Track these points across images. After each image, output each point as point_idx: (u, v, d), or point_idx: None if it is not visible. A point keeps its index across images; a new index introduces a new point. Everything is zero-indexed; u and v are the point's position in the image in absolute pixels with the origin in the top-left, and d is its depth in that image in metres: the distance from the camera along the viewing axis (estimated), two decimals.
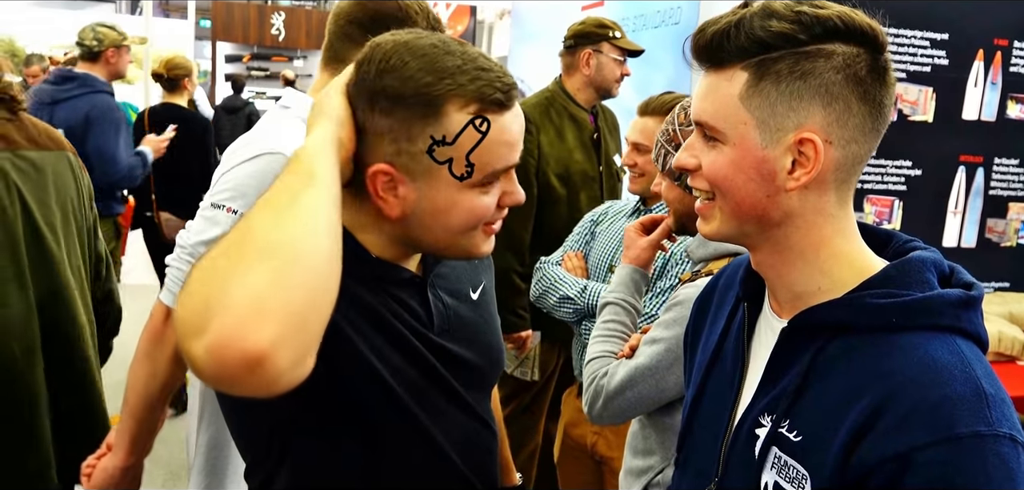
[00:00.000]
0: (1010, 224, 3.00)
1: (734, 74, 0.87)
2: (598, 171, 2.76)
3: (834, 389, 0.85)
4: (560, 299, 2.10)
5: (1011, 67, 2.81)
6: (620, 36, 2.68)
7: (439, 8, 13.44)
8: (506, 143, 1.01)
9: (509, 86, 1.00)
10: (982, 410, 0.77)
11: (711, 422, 1.01)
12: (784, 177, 0.87)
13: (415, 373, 1.07)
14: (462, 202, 1.00)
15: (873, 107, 0.86)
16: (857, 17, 0.85)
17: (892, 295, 0.85)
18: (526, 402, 2.84)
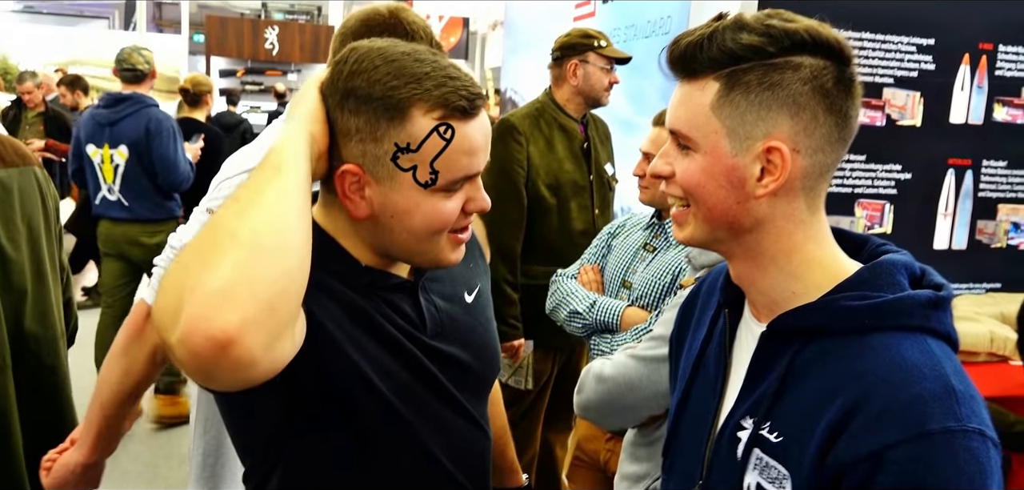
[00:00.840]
0: (1000, 225, 3.02)
1: (706, 84, 0.90)
2: (589, 180, 2.77)
3: (811, 390, 0.87)
4: (570, 313, 2.11)
5: (996, 70, 2.84)
6: (606, 45, 2.70)
7: (432, 19, 13.49)
8: (469, 151, 1.02)
9: (474, 94, 1.02)
10: (952, 407, 0.79)
11: (695, 426, 1.03)
12: (753, 184, 0.89)
13: (407, 376, 1.09)
14: (425, 205, 1.02)
15: (839, 118, 0.89)
16: (824, 31, 0.88)
17: (864, 297, 0.87)
18: (522, 411, 2.85)
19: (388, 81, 0.99)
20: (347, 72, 1.01)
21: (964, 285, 3.03)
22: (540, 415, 2.92)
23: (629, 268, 2.12)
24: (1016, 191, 3.00)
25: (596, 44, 2.68)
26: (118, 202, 3.98)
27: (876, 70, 2.74)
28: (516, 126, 2.70)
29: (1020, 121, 2.91)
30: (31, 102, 6.59)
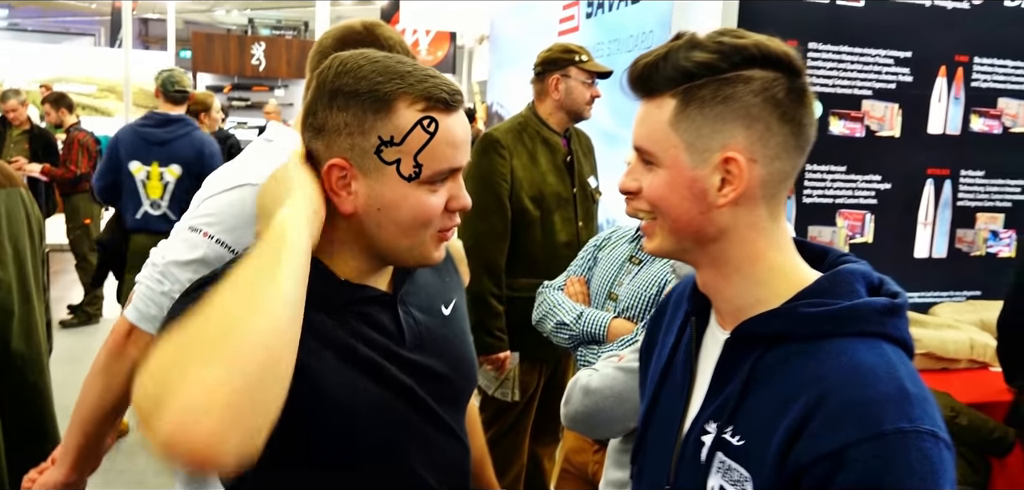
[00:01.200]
0: (978, 234, 3.07)
1: (663, 102, 0.94)
2: (572, 193, 2.80)
3: (772, 394, 0.89)
4: (557, 325, 2.13)
5: (972, 82, 2.89)
6: (587, 59, 2.73)
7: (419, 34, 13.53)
8: (452, 144, 1.05)
9: (454, 91, 1.06)
10: (905, 408, 0.82)
11: (663, 432, 1.05)
12: (714, 194, 0.92)
13: (387, 394, 1.09)
14: (411, 198, 1.04)
15: (793, 126, 0.92)
16: (772, 45, 0.91)
17: (823, 304, 0.90)
18: (509, 423, 2.86)
19: (373, 77, 1.03)
20: (334, 74, 1.05)
21: (945, 293, 3.07)
22: (527, 428, 2.93)
23: (615, 280, 2.14)
24: (994, 200, 3.05)
25: (577, 59, 2.71)
26: (163, 216, 4.03)
27: (855, 82, 2.78)
28: (499, 140, 2.72)
29: (996, 131, 2.97)
30: (16, 120, 6.56)
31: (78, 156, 6.14)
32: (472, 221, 2.70)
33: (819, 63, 2.73)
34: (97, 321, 6.28)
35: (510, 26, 4.87)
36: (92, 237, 6.30)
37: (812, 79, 2.69)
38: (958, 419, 2.38)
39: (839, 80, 2.76)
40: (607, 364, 1.75)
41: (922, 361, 2.69)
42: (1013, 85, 2.94)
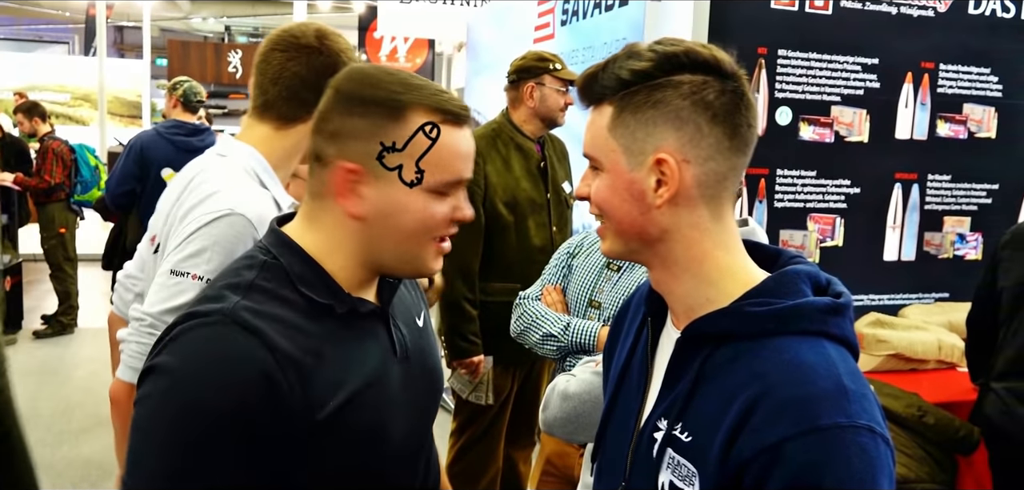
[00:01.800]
0: (946, 237, 3.12)
1: (604, 109, 0.99)
2: (546, 199, 2.82)
3: (718, 391, 0.92)
4: (543, 336, 2.12)
5: (938, 88, 2.95)
6: (561, 67, 2.76)
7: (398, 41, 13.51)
8: (457, 154, 1.08)
9: (464, 108, 1.09)
10: (843, 404, 0.84)
11: (620, 430, 1.08)
12: (652, 196, 0.96)
13: (383, 402, 1.11)
14: (413, 204, 1.06)
15: (727, 127, 0.95)
16: (702, 50, 0.95)
17: (768, 303, 0.93)
18: (483, 427, 2.88)
19: (392, 86, 1.06)
20: (354, 83, 1.08)
21: (914, 295, 3.12)
22: (501, 432, 2.95)
23: (595, 288, 2.14)
24: (961, 204, 3.10)
25: (551, 67, 2.74)
26: None
27: (824, 88, 2.83)
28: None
29: (962, 136, 3.03)
30: None
31: (52, 165, 6.09)
32: None
33: (788, 69, 2.77)
34: (71, 331, 6.22)
35: (486, 33, 4.90)
36: (67, 246, 6.24)
37: (781, 85, 2.75)
38: (925, 418, 2.42)
39: (808, 86, 2.81)
40: (585, 369, 1.77)
41: (891, 362, 2.74)
42: (978, 91, 3.00)
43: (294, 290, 1.06)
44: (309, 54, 1.48)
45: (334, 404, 1.03)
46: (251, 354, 0.97)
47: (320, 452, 1.03)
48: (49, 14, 20.27)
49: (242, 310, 1.00)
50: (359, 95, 1.07)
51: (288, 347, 0.99)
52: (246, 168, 1.48)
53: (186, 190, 1.47)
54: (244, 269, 1.07)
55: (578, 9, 3.51)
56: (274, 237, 1.11)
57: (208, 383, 0.95)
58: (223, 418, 0.94)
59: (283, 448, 0.99)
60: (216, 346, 0.97)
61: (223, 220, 1.36)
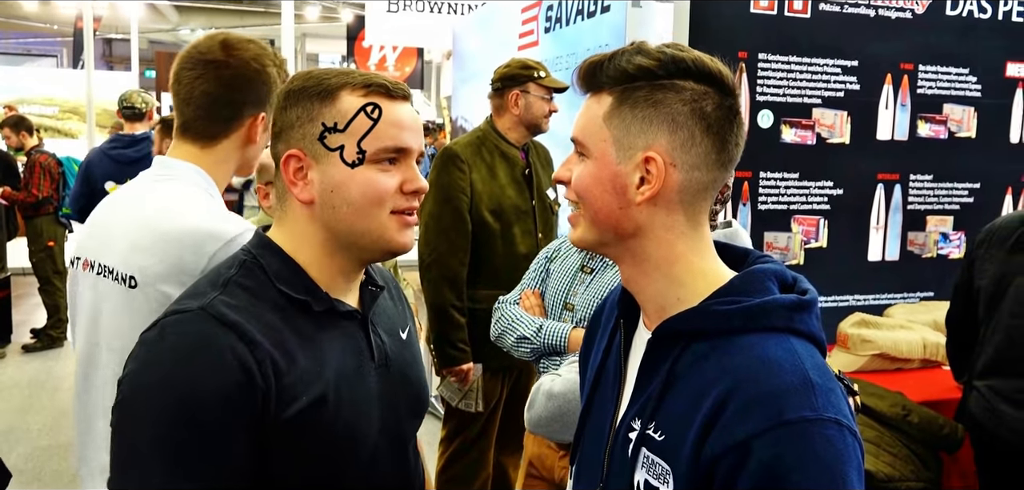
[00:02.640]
0: (929, 236, 3.15)
1: (602, 98, 1.00)
2: (531, 205, 2.84)
3: (688, 389, 0.93)
4: (518, 339, 2.15)
5: (918, 89, 2.98)
6: (545, 75, 2.78)
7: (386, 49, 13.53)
8: (396, 123, 1.10)
9: (397, 84, 1.12)
10: (809, 398, 0.86)
11: (597, 432, 1.09)
12: (633, 191, 0.97)
13: (358, 408, 1.12)
14: (359, 176, 1.08)
15: (718, 140, 0.97)
16: (708, 62, 0.97)
17: (735, 301, 0.95)
18: (473, 434, 2.89)
19: (320, 75, 1.11)
20: (288, 84, 1.13)
21: (899, 295, 3.15)
22: (491, 438, 2.95)
23: (569, 291, 2.17)
24: (943, 203, 3.13)
25: (536, 75, 2.76)
26: None
27: (804, 91, 2.85)
28: (458, 154, 2.76)
29: (942, 136, 3.06)
30: None
31: (40, 179, 6.07)
32: (432, 234, 2.74)
33: (769, 73, 2.80)
34: (60, 345, 6.20)
35: (472, 41, 4.92)
36: (56, 259, 6.22)
37: (762, 89, 2.78)
38: (909, 417, 2.44)
39: (789, 89, 2.83)
40: (570, 369, 1.78)
41: (876, 361, 2.76)
42: (957, 92, 3.03)
43: (272, 287, 1.08)
44: (216, 68, 1.46)
45: (305, 401, 1.04)
46: (228, 345, 0.99)
47: (290, 447, 1.04)
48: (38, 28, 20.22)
49: (219, 304, 1.02)
50: (293, 90, 1.11)
51: (264, 341, 1.02)
52: (202, 188, 1.46)
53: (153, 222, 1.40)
54: (224, 268, 1.11)
55: (561, 16, 3.53)
56: (256, 239, 1.15)
57: (186, 374, 0.97)
58: (202, 409, 0.96)
59: (258, 440, 1.01)
60: (194, 339, 0.99)
61: (228, 246, 1.34)
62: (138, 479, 0.97)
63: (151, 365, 1.00)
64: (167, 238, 1.36)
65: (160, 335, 1.01)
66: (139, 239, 1.38)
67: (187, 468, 0.96)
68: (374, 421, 1.14)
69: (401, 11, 9.25)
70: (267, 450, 1.02)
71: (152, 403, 0.97)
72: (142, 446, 0.97)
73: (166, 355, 0.99)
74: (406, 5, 9.22)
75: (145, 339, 1.03)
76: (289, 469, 1.05)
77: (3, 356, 5.99)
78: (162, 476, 0.96)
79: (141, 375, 1.00)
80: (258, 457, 1.02)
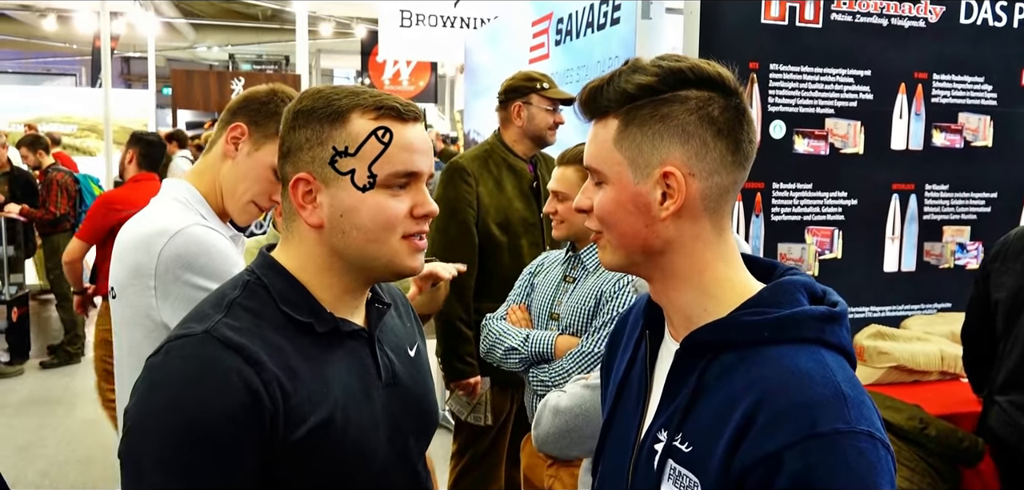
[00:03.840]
0: (946, 246, 3.11)
1: (608, 122, 0.99)
2: (539, 218, 2.83)
3: (717, 400, 0.92)
4: (506, 351, 2.19)
5: (933, 98, 2.95)
6: (548, 86, 2.77)
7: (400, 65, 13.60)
8: (407, 148, 1.09)
9: (408, 105, 1.10)
10: (841, 410, 0.85)
11: (620, 443, 1.08)
12: (657, 208, 0.97)
13: (364, 426, 1.11)
14: (370, 201, 1.07)
15: (730, 142, 0.97)
16: (706, 67, 0.97)
17: (764, 313, 0.94)
18: (483, 448, 2.88)
19: (330, 95, 1.10)
20: (296, 102, 1.12)
21: (916, 306, 3.10)
22: (502, 452, 2.94)
23: (554, 301, 2.22)
24: (959, 213, 3.09)
25: (539, 86, 2.76)
26: None
27: (817, 101, 2.83)
28: (465, 167, 2.76)
29: (958, 145, 3.02)
30: None
31: (57, 196, 6.14)
32: (439, 248, 2.73)
33: (781, 84, 2.78)
34: (77, 361, 6.25)
35: (483, 55, 4.93)
36: None
37: (774, 99, 2.76)
38: (927, 430, 2.40)
39: (801, 100, 2.81)
40: (575, 384, 1.78)
41: (893, 374, 2.72)
42: (972, 100, 3.00)
43: (276, 309, 1.08)
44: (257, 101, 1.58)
45: (313, 422, 1.04)
46: (234, 368, 0.98)
47: (298, 469, 1.03)
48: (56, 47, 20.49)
49: (223, 327, 1.02)
50: (302, 110, 1.10)
51: (270, 363, 1.01)
52: (176, 197, 1.56)
53: (122, 237, 1.54)
54: (228, 290, 1.10)
55: (572, 29, 3.53)
56: (261, 259, 1.14)
57: (192, 397, 0.97)
58: (209, 431, 0.96)
59: (264, 463, 1.00)
60: (199, 363, 0.99)
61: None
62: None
63: (156, 390, 1.00)
64: (127, 246, 1.47)
65: (164, 360, 1.01)
66: (116, 253, 1.51)
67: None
68: (382, 440, 1.14)
69: (414, 26, 9.29)
70: (275, 471, 1.01)
71: (159, 427, 0.97)
72: (149, 471, 0.97)
73: (172, 379, 0.99)
74: (419, 20, 9.27)
75: (150, 365, 1.03)
76: (299, 487, 1.04)
77: (21, 372, 6.04)
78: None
79: (147, 401, 1.00)
80: (266, 478, 1.01)
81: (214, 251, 1.43)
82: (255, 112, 1.53)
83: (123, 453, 1.00)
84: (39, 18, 17.23)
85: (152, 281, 1.41)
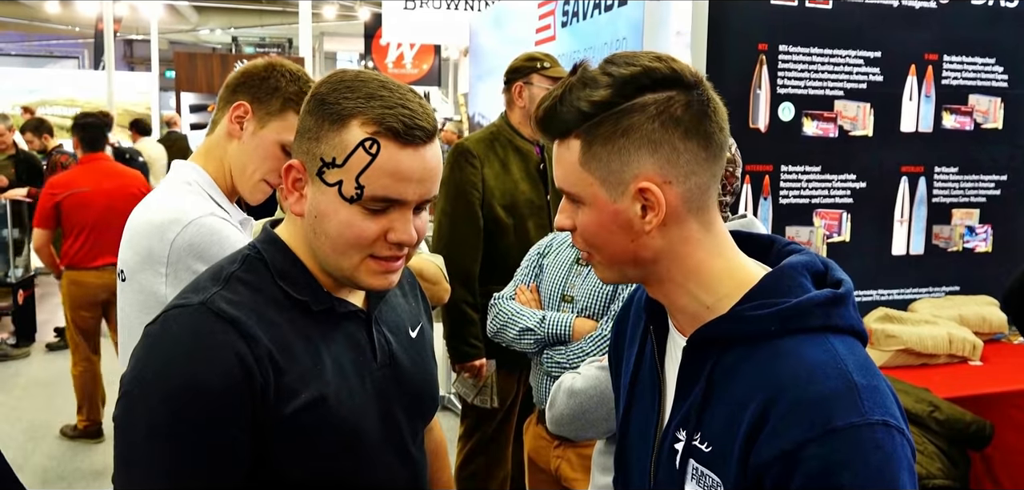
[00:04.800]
0: (955, 229, 3.09)
1: (570, 142, 0.94)
2: (545, 200, 2.81)
3: (730, 398, 0.91)
4: (520, 331, 2.14)
5: (942, 80, 2.93)
6: (549, 66, 2.75)
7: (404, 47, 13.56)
8: (395, 174, 1.01)
9: (415, 124, 1.02)
10: (855, 402, 0.83)
11: (640, 440, 1.06)
12: (639, 223, 0.93)
13: (358, 406, 1.10)
14: (342, 214, 1.03)
15: (700, 139, 0.92)
16: (660, 66, 0.91)
17: (769, 305, 0.91)
18: (490, 432, 2.87)
19: (343, 92, 1.04)
20: (317, 86, 1.07)
21: (924, 289, 3.09)
22: (509, 435, 2.94)
23: (566, 282, 2.17)
24: (969, 196, 3.07)
25: (539, 66, 2.74)
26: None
27: (826, 83, 2.81)
28: (470, 150, 2.75)
29: (968, 127, 3.00)
30: (1, 145, 6.57)
31: None
32: (445, 230, 2.73)
33: (790, 65, 2.76)
34: None
35: (488, 38, 4.90)
36: None
37: (783, 81, 2.74)
38: (936, 414, 2.40)
39: (810, 81, 2.79)
40: (589, 366, 1.77)
41: (902, 357, 2.71)
42: (983, 82, 2.97)
43: (274, 283, 1.07)
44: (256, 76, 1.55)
45: (304, 398, 1.03)
46: (227, 341, 0.98)
47: (289, 445, 1.03)
48: (59, 29, 20.46)
49: (219, 300, 1.01)
50: (316, 95, 1.06)
51: (263, 338, 1.01)
52: (185, 179, 1.55)
53: (133, 220, 1.53)
54: (227, 263, 1.10)
55: (578, 10, 3.50)
56: (264, 234, 1.13)
57: (184, 367, 0.97)
58: (199, 400, 0.96)
59: (256, 437, 1.00)
60: (193, 334, 0.99)
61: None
62: (138, 472, 0.97)
63: (151, 358, 1.00)
64: (139, 231, 1.46)
65: (161, 329, 1.02)
66: (126, 237, 1.50)
67: (185, 460, 0.97)
68: (376, 419, 1.13)
69: (418, 8, 9.26)
70: (267, 446, 1.02)
71: (150, 395, 0.98)
72: (140, 439, 0.98)
73: (165, 349, 1.00)
74: (423, 2, 9.23)
75: (147, 332, 1.03)
76: (292, 465, 1.04)
77: (28, 354, 6.06)
78: (159, 468, 0.96)
79: (142, 368, 1.00)
80: (258, 452, 1.01)
81: (227, 243, 1.42)
82: (256, 88, 1.51)
83: (116, 417, 1.01)
84: (42, 0, 17.19)
85: (164, 268, 1.41)
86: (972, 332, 2.80)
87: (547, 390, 2.15)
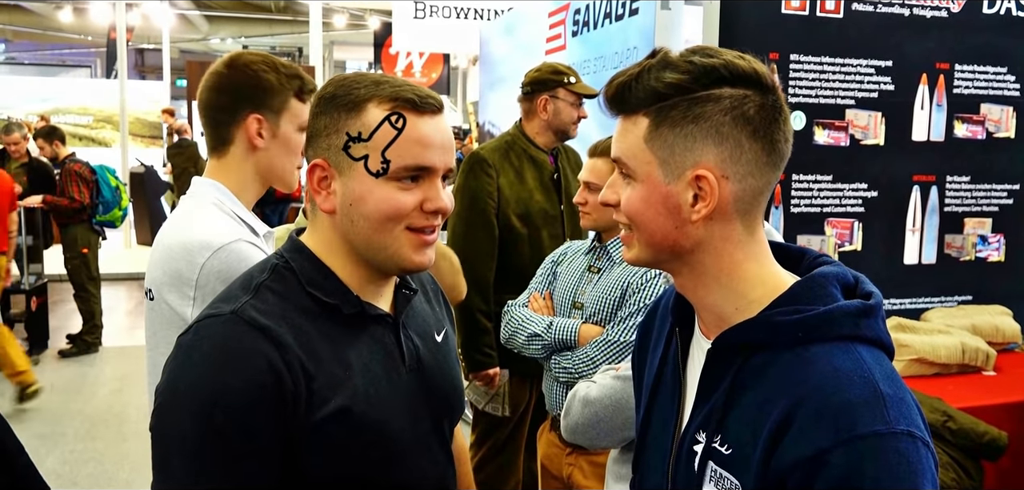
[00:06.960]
0: (967, 239, 3.08)
1: (638, 119, 0.96)
2: (559, 210, 2.82)
3: (754, 402, 0.91)
4: (529, 337, 2.19)
5: (954, 89, 2.92)
6: (575, 81, 2.76)
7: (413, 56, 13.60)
8: (421, 141, 1.08)
9: (427, 96, 1.10)
10: (880, 411, 0.83)
11: (658, 442, 1.07)
12: (688, 210, 0.94)
13: (387, 409, 1.12)
14: (377, 192, 1.07)
15: (765, 142, 0.93)
16: (741, 63, 0.93)
17: (798, 311, 0.91)
18: (502, 439, 2.88)
19: (350, 83, 1.10)
20: (322, 90, 1.12)
21: (936, 299, 3.08)
22: (521, 443, 2.94)
23: (577, 290, 2.21)
24: (981, 205, 3.06)
25: (566, 80, 2.75)
26: None
27: (837, 92, 2.81)
28: (486, 159, 2.76)
29: (980, 137, 2.99)
30: (16, 153, 6.64)
31: (79, 185, 6.19)
32: (459, 238, 2.74)
33: (801, 74, 2.76)
34: (96, 350, 6.29)
35: (499, 46, 4.92)
36: (90, 266, 6.33)
37: (794, 90, 2.74)
38: (950, 424, 2.39)
39: (822, 90, 2.79)
40: (605, 375, 1.78)
41: (914, 366, 2.70)
42: (995, 91, 2.97)
43: (303, 291, 1.09)
44: (217, 79, 1.56)
45: (335, 404, 1.05)
46: (258, 349, 1.00)
47: (320, 450, 1.04)
48: (72, 39, 20.61)
49: (250, 309, 1.04)
50: (325, 96, 1.11)
51: (293, 345, 1.03)
52: (209, 198, 1.55)
53: (161, 239, 1.54)
54: (256, 273, 1.12)
55: (589, 19, 3.51)
56: (290, 243, 1.16)
57: (216, 376, 0.99)
58: (232, 409, 0.98)
59: (286, 443, 1.01)
60: (224, 342, 1.01)
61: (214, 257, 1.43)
62: (173, 479, 0.99)
63: (183, 368, 1.02)
64: (168, 252, 1.48)
65: (193, 338, 1.04)
66: (154, 256, 1.52)
67: (218, 467, 0.98)
68: (405, 423, 1.14)
69: (428, 17, 9.29)
70: (298, 451, 1.03)
71: (183, 404, 1.00)
72: (175, 446, 1.00)
73: (197, 358, 1.02)
74: (433, 11, 9.26)
75: (180, 342, 1.05)
76: (321, 470, 1.05)
77: (39, 362, 6.09)
78: (194, 475, 0.98)
79: (175, 378, 1.02)
80: (289, 458, 1.03)
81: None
82: (257, 98, 1.54)
83: (152, 428, 1.03)
84: (55, 9, 17.33)
85: (192, 291, 1.43)
86: (985, 342, 2.79)
87: (557, 396, 2.16)
